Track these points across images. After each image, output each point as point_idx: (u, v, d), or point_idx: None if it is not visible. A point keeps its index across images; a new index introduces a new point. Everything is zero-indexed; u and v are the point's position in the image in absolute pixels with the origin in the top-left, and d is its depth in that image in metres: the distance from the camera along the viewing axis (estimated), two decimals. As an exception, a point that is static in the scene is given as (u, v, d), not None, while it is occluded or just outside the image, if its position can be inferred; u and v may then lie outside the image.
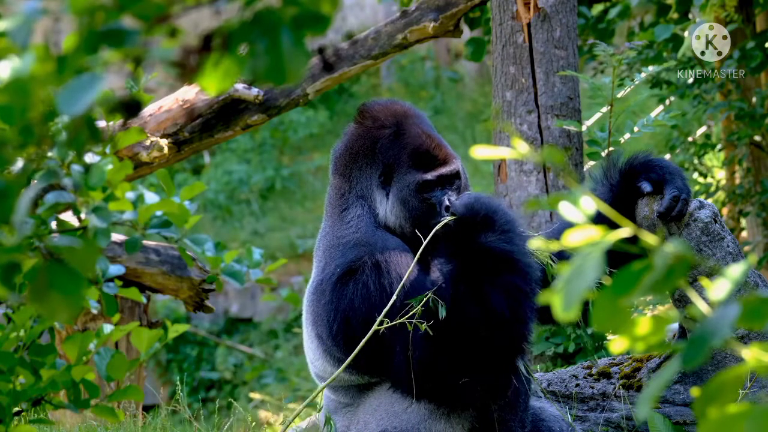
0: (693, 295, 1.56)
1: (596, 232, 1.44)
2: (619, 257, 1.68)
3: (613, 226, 1.52)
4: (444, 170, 3.33)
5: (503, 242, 3.07)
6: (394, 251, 3.20)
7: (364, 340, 3.13)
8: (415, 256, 3.18)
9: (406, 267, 3.16)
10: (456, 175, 3.36)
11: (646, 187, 3.43)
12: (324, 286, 3.24)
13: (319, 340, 3.31)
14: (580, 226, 1.46)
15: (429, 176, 3.31)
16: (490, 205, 3.14)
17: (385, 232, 3.30)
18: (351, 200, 3.37)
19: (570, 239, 1.45)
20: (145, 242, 5.67)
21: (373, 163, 3.35)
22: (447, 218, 3.16)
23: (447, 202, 3.28)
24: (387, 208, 3.32)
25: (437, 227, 3.16)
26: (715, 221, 3.52)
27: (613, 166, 3.51)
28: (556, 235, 3.55)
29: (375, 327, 3.12)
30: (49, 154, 1.76)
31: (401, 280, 3.13)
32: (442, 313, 3.02)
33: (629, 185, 3.47)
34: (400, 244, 3.24)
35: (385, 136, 3.34)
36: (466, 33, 7.41)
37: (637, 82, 4.89)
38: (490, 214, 3.11)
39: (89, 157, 1.85)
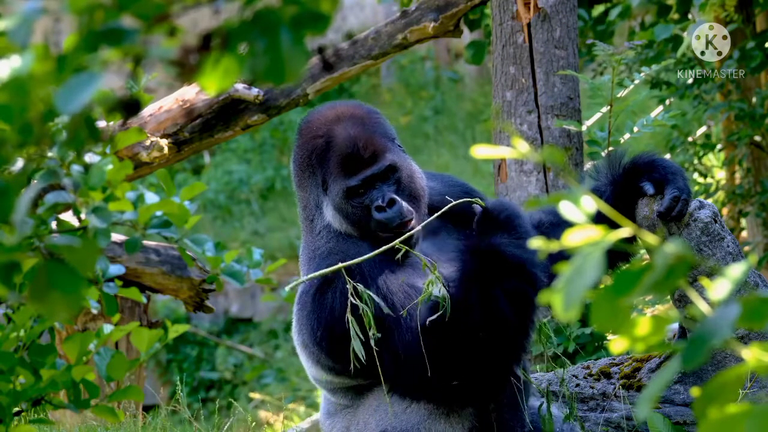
0: (693, 295, 1.56)
1: (596, 232, 1.44)
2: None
3: (612, 224, 1.52)
4: (370, 171, 3.28)
5: (518, 248, 3.07)
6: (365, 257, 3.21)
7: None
8: (384, 259, 3.20)
9: (379, 273, 3.17)
10: (389, 170, 3.31)
11: (649, 189, 3.43)
12: (305, 297, 3.28)
13: (306, 348, 3.34)
14: (580, 225, 1.46)
15: (354, 181, 3.28)
16: (515, 210, 3.15)
17: (354, 239, 3.30)
18: (313, 211, 3.40)
19: (570, 239, 1.45)
20: (145, 242, 5.67)
21: (314, 174, 3.36)
22: (473, 199, 3.17)
23: (379, 202, 3.27)
24: (331, 216, 3.33)
25: (471, 206, 3.17)
26: (715, 221, 3.52)
27: (617, 162, 3.51)
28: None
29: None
30: (50, 154, 1.76)
31: (377, 287, 3.14)
32: (447, 310, 3.03)
33: (631, 184, 3.47)
34: (370, 249, 3.24)
35: (318, 146, 3.34)
36: (466, 34, 7.41)
37: (636, 82, 4.89)
38: (513, 218, 3.11)
39: (89, 157, 1.85)
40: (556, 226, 3.55)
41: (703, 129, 8.63)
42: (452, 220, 3.53)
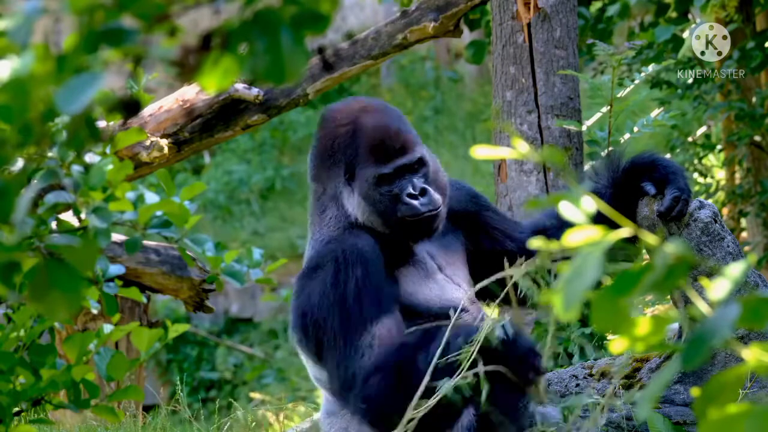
0: (693, 295, 1.56)
1: (596, 232, 1.44)
2: None
3: (613, 225, 1.52)
4: (402, 161, 3.30)
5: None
6: (360, 250, 3.22)
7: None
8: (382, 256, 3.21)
9: (364, 267, 3.18)
10: (418, 163, 3.32)
11: (651, 189, 3.44)
12: (295, 281, 3.31)
13: (301, 342, 3.35)
14: (581, 225, 1.46)
15: (386, 169, 3.28)
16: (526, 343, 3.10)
17: (360, 231, 3.30)
18: (326, 202, 3.39)
19: (570, 239, 1.45)
20: (145, 242, 5.67)
21: (337, 163, 3.36)
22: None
23: (410, 190, 3.27)
24: (354, 205, 3.33)
25: None
26: (715, 221, 3.52)
27: (616, 163, 3.51)
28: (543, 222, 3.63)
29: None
30: (50, 154, 1.76)
31: (357, 280, 3.15)
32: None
33: (632, 184, 3.47)
34: (369, 242, 3.25)
35: (343, 134, 3.34)
36: (466, 34, 7.41)
37: (636, 82, 4.90)
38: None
39: (89, 157, 1.85)
40: (558, 229, 3.56)
41: (703, 129, 8.63)
42: (460, 223, 3.56)
